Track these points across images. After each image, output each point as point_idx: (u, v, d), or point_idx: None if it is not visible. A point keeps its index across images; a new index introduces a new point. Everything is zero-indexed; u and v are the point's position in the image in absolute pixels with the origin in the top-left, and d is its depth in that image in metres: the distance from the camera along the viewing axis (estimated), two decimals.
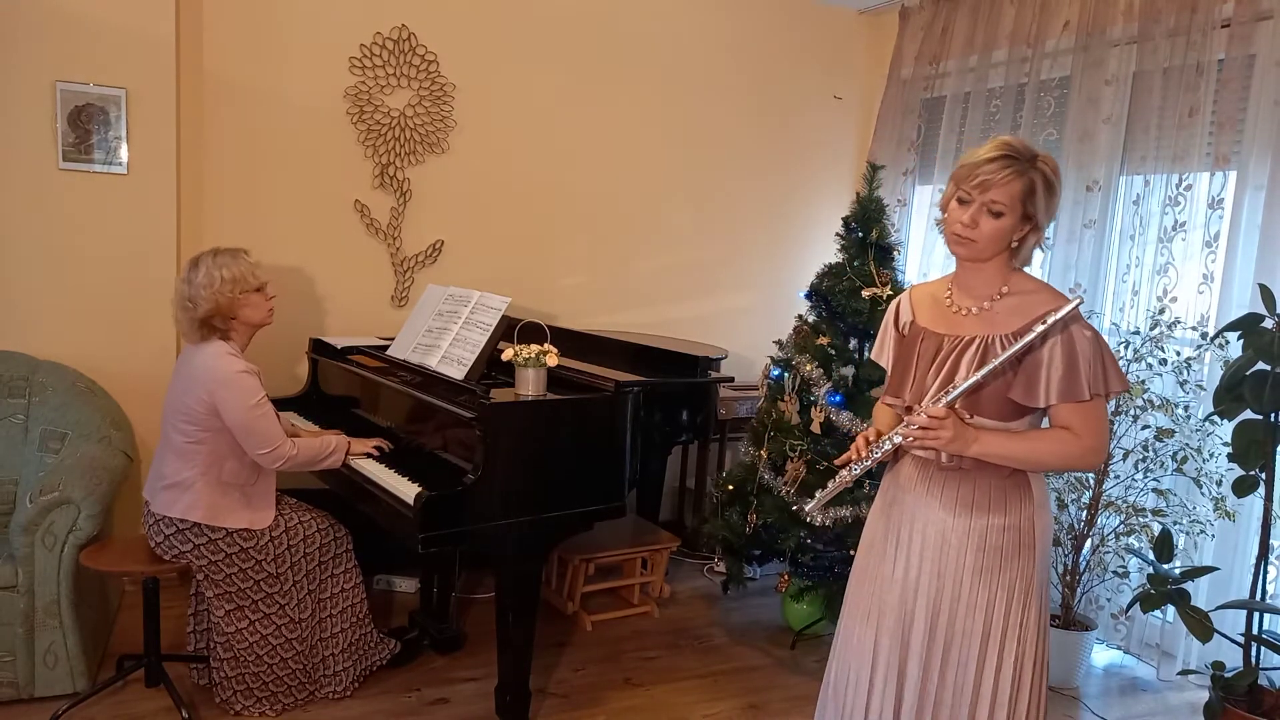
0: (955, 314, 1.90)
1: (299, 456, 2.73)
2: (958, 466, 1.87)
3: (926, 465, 1.92)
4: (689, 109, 4.63)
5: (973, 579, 1.85)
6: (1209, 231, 3.39)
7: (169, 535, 2.69)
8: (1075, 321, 1.77)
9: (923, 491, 1.92)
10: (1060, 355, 1.76)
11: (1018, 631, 1.85)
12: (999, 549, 1.84)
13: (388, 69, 3.94)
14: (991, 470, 1.84)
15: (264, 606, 2.77)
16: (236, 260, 2.72)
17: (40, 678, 2.77)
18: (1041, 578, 1.88)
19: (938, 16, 4.50)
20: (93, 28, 3.34)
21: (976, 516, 1.85)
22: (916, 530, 1.92)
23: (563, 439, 2.73)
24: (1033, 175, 1.77)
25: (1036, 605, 1.87)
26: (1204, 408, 3.23)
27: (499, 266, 4.23)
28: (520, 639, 2.72)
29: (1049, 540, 1.91)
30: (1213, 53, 3.37)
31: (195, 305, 2.67)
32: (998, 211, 1.77)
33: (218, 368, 2.66)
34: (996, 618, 1.84)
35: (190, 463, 2.69)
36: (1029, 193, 1.77)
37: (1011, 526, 1.84)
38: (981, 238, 1.79)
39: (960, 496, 1.87)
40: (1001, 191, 1.76)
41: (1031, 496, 1.86)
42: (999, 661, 1.85)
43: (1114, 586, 3.53)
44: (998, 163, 1.76)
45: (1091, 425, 1.78)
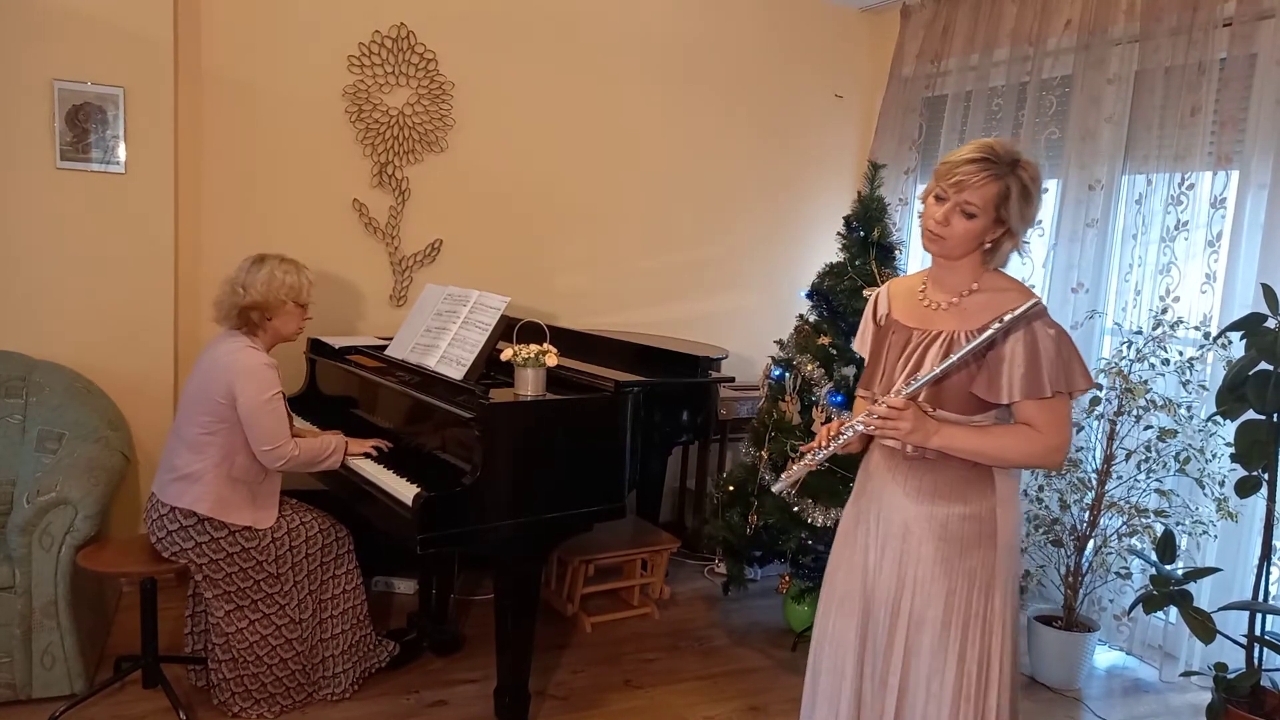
0: (927, 308, 1.93)
1: (300, 457, 2.74)
2: (921, 456, 1.89)
3: (893, 455, 1.94)
4: (689, 107, 4.62)
5: (933, 567, 1.87)
6: (1211, 231, 3.37)
7: (172, 531, 2.68)
8: (1039, 319, 1.79)
9: (889, 480, 1.94)
10: (1022, 352, 1.78)
11: (980, 622, 1.86)
12: (959, 538, 1.86)
13: (386, 67, 3.93)
14: (955, 461, 1.86)
15: (264, 606, 2.76)
16: (300, 272, 2.85)
17: (38, 679, 2.76)
18: (1006, 570, 1.88)
19: (939, 15, 4.49)
20: (90, 26, 3.33)
21: (938, 505, 1.87)
22: (883, 518, 1.95)
23: (562, 439, 2.72)
24: (1009, 181, 1.78)
25: (1001, 596, 1.87)
26: (1206, 408, 3.22)
27: (498, 266, 4.22)
28: (519, 641, 2.71)
29: (1015, 534, 1.91)
30: (1214, 52, 3.36)
31: (245, 292, 2.76)
32: (970, 213, 1.79)
33: (241, 358, 2.70)
34: (957, 606, 1.86)
35: (203, 455, 2.70)
36: (1003, 198, 1.78)
37: (972, 516, 1.86)
38: (952, 236, 1.82)
39: (923, 486, 1.89)
40: (976, 194, 1.78)
41: (994, 489, 1.87)
42: (962, 650, 1.85)
43: (1116, 588, 3.52)
44: (975, 165, 1.78)
45: (1053, 422, 1.80)
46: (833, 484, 3.26)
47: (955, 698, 1.85)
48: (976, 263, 1.88)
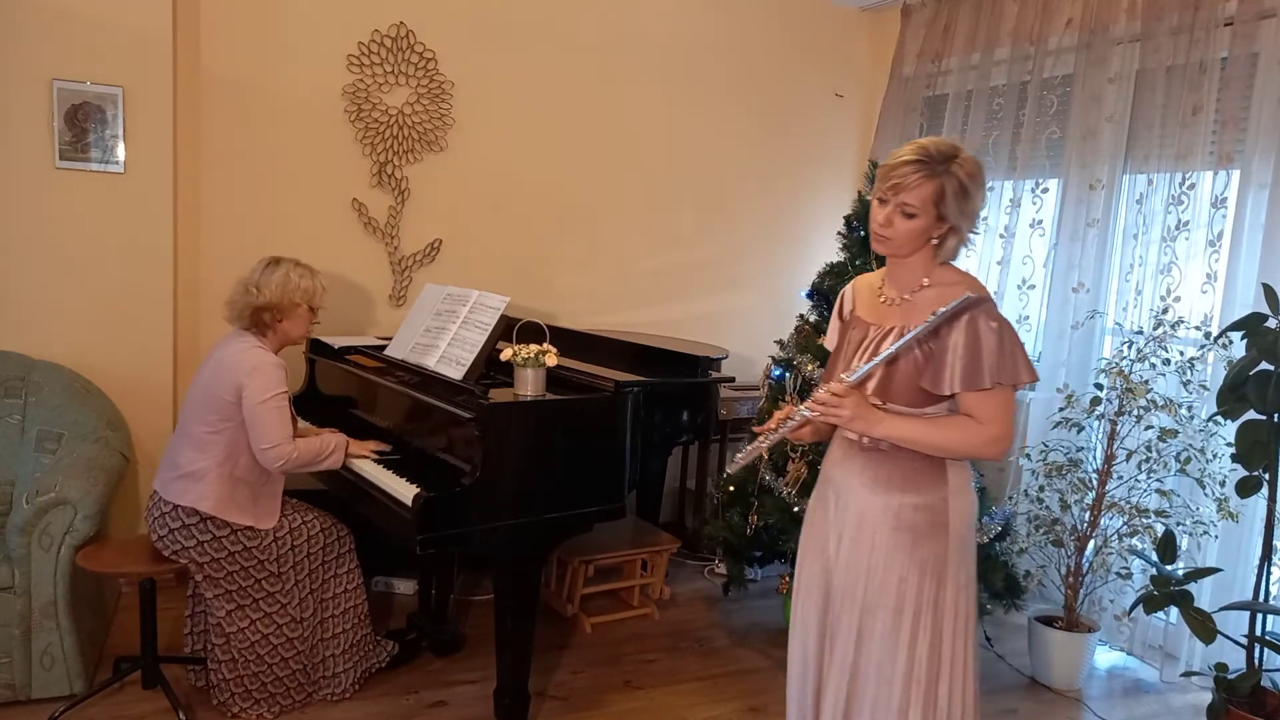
0: (883, 304, 1.98)
1: (298, 459, 2.73)
2: (876, 447, 1.93)
3: (851, 446, 1.99)
4: (689, 106, 4.61)
5: (887, 555, 1.91)
6: (1212, 231, 3.37)
7: (174, 530, 2.68)
8: (983, 312, 1.82)
9: (847, 470, 2.00)
10: (964, 344, 1.82)
11: (932, 609, 1.90)
12: (912, 527, 1.90)
13: (386, 67, 3.93)
14: (908, 452, 1.90)
15: (265, 606, 2.76)
16: (314, 277, 2.88)
17: (37, 679, 2.75)
18: (958, 558, 1.92)
19: (940, 14, 4.49)
20: (90, 26, 3.32)
21: (891, 495, 1.92)
22: (841, 507, 2.00)
23: (562, 439, 2.72)
24: (944, 180, 1.82)
25: (952, 585, 1.91)
26: (1207, 408, 3.22)
27: (498, 265, 4.22)
28: (519, 641, 2.71)
29: (968, 523, 1.95)
30: (1216, 51, 3.36)
31: (259, 292, 2.78)
32: (910, 213, 1.84)
33: (250, 356, 2.72)
34: (909, 593, 1.90)
35: (207, 453, 2.70)
36: (940, 195, 1.82)
37: (924, 506, 1.90)
38: (896, 236, 1.86)
39: (878, 476, 1.94)
40: (913, 194, 1.82)
41: (946, 479, 1.92)
42: (913, 637, 1.89)
43: (1117, 588, 3.51)
44: (910, 166, 1.82)
45: (994, 414, 1.83)
46: None
47: (905, 683, 1.90)
48: (927, 258, 1.92)
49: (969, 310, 1.81)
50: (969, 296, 1.79)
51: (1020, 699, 3.28)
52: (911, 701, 1.89)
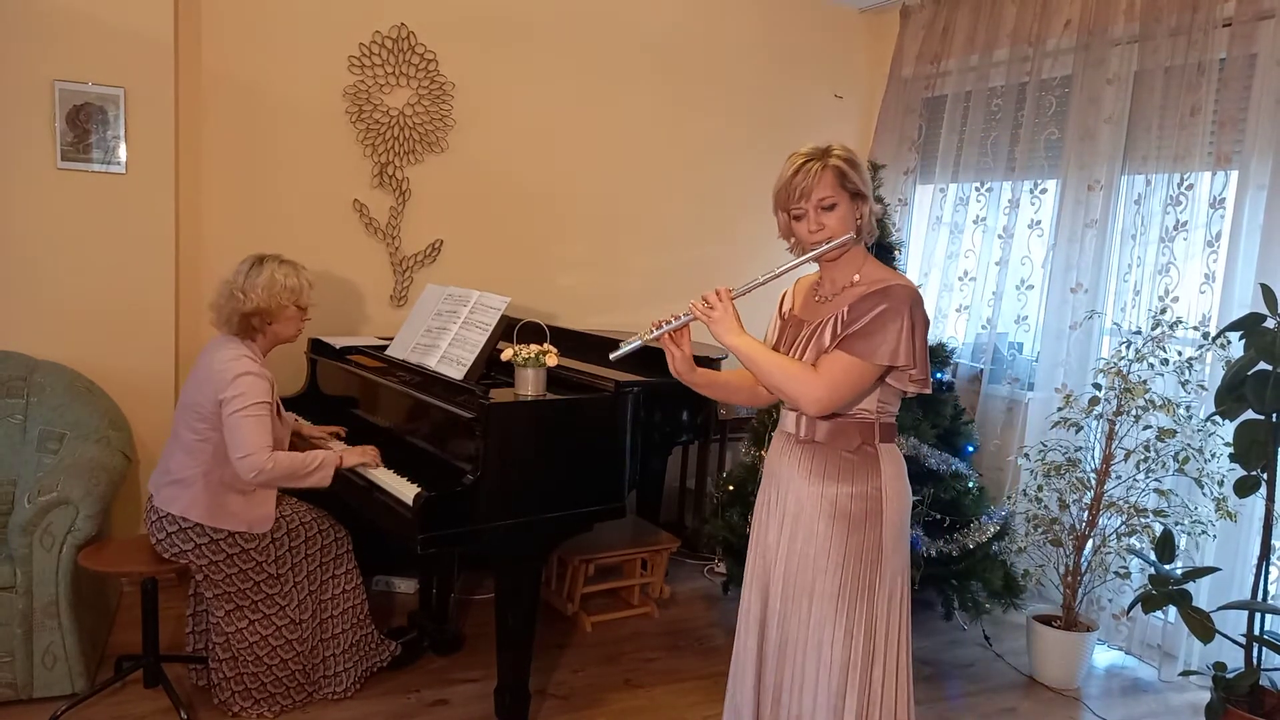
0: (819, 302, 2.08)
1: (274, 470, 2.63)
2: (810, 440, 2.03)
3: (788, 439, 2.09)
4: (689, 108, 4.62)
5: (824, 543, 1.99)
6: (1210, 231, 3.38)
7: (171, 533, 2.68)
8: (898, 300, 1.90)
9: (785, 462, 2.09)
10: (860, 312, 1.92)
11: (868, 594, 1.97)
12: (847, 515, 1.98)
13: (387, 68, 3.94)
14: (841, 444, 2.00)
15: (264, 607, 2.77)
16: (299, 274, 2.81)
17: (39, 678, 2.76)
18: (892, 545, 2.00)
19: (939, 15, 4.50)
20: (91, 27, 3.33)
21: (827, 484, 2.00)
22: (780, 497, 2.09)
23: (562, 439, 2.73)
24: (834, 163, 1.95)
25: (889, 571, 1.99)
26: (1205, 408, 3.23)
27: (498, 266, 4.23)
28: (520, 640, 2.72)
29: (901, 511, 2.02)
30: (1214, 52, 3.37)
31: (245, 298, 2.72)
32: (830, 204, 1.95)
33: (232, 367, 2.66)
34: (847, 579, 1.97)
35: (196, 460, 2.69)
36: (842, 176, 1.95)
37: (859, 495, 1.98)
38: (832, 230, 1.96)
39: (814, 467, 2.02)
40: (822, 187, 1.94)
41: (880, 469, 2.00)
42: (850, 622, 1.97)
43: (1115, 587, 3.52)
44: (803, 169, 1.96)
45: (829, 374, 1.93)
46: None
47: (844, 667, 1.96)
48: (857, 255, 2.02)
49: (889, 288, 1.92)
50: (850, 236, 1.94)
51: (1019, 698, 3.29)
52: (849, 685, 1.96)
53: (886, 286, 1.94)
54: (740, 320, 2.00)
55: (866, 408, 1.99)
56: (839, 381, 1.91)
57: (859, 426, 2.00)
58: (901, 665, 2.03)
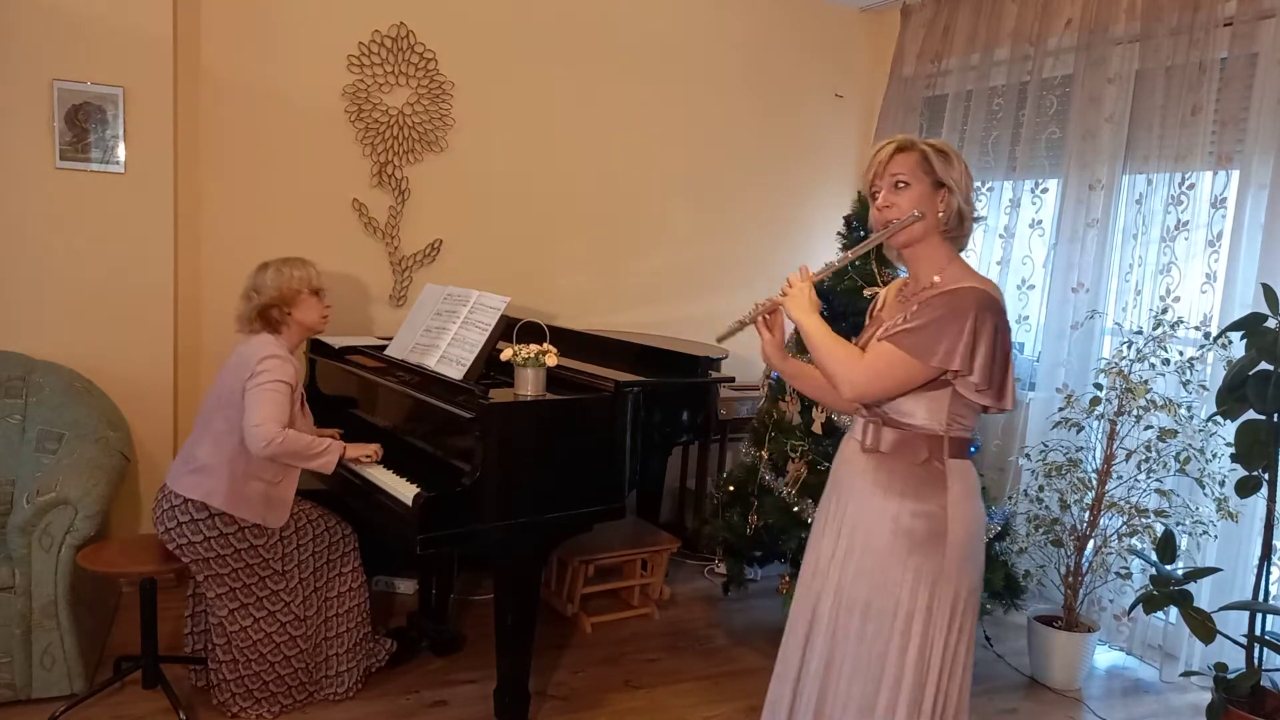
0: (902, 302, 1.99)
1: (283, 445, 2.65)
2: (876, 449, 1.95)
3: (855, 447, 2.02)
4: (689, 107, 4.62)
5: (885, 559, 1.91)
6: (1212, 231, 3.37)
7: (182, 523, 2.67)
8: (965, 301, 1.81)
9: (850, 471, 2.02)
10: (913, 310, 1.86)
11: (924, 615, 1.88)
12: (910, 533, 1.89)
13: (386, 67, 3.93)
14: (907, 457, 1.91)
15: (269, 604, 2.76)
16: (304, 265, 2.90)
17: (38, 679, 2.76)
18: (956, 568, 1.89)
19: (939, 14, 4.49)
20: (90, 26, 3.32)
21: (891, 499, 1.92)
22: (841, 508, 2.02)
23: (562, 439, 2.72)
24: (920, 148, 1.89)
25: (949, 595, 1.89)
26: (1207, 408, 3.22)
27: (498, 266, 4.22)
28: (519, 641, 2.71)
29: (970, 532, 1.92)
30: (1215, 51, 3.36)
31: (259, 293, 2.81)
32: (901, 181, 1.88)
33: (259, 350, 2.73)
34: (904, 598, 1.89)
35: (222, 448, 2.70)
36: (924, 160, 1.88)
37: (923, 513, 1.89)
38: (900, 207, 1.88)
39: (878, 479, 1.94)
40: (897, 164, 1.88)
41: (946, 488, 1.90)
42: (904, 641, 1.89)
43: (1116, 588, 3.52)
44: (885, 149, 1.92)
45: (872, 362, 1.85)
46: None
47: (894, 687, 1.89)
48: (939, 250, 1.92)
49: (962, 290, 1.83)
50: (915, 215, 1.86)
51: (1020, 699, 3.28)
52: (899, 703, 1.89)
53: (958, 288, 1.84)
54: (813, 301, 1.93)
55: (935, 419, 1.88)
56: (880, 371, 1.83)
57: (926, 439, 1.89)
58: (955, 692, 1.93)
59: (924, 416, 1.89)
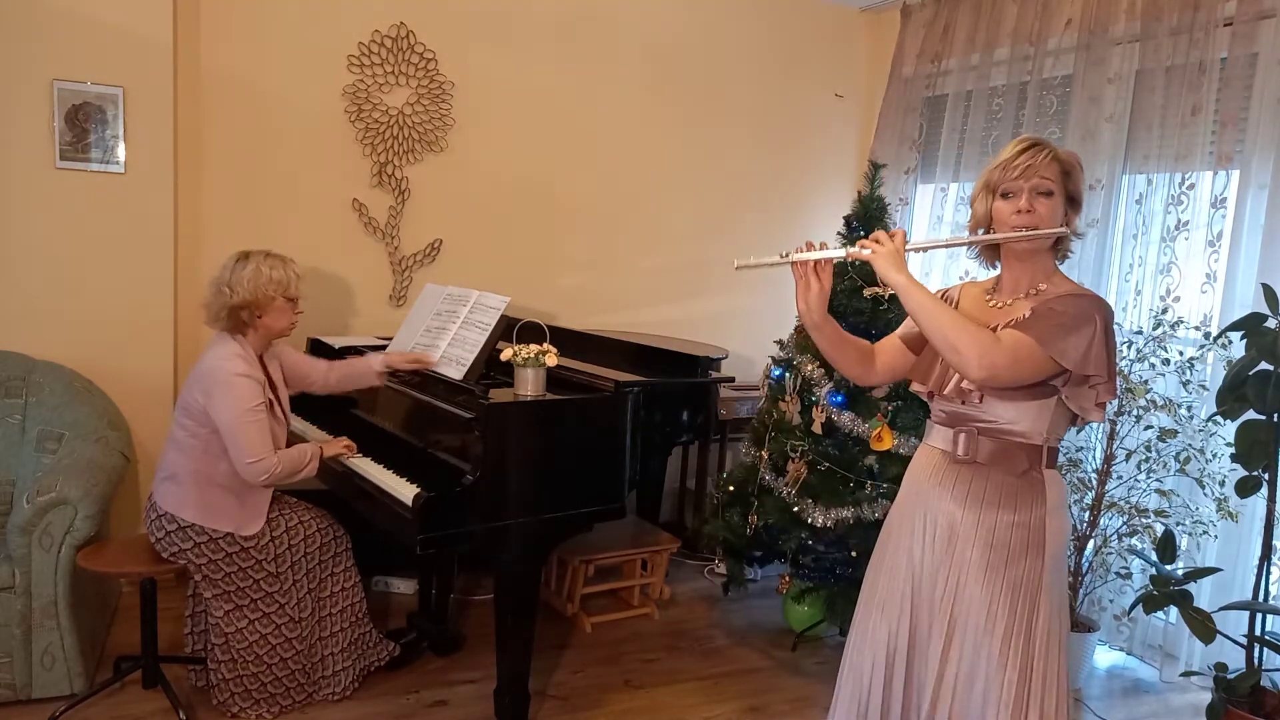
0: (995, 308, 1.92)
1: (281, 471, 2.67)
2: (970, 460, 1.88)
3: (942, 458, 1.94)
4: (689, 107, 4.62)
5: (978, 573, 1.85)
6: (1212, 231, 3.37)
7: (170, 532, 2.68)
8: (1092, 306, 1.79)
9: (935, 483, 1.93)
10: (1059, 308, 1.79)
11: (1024, 632, 1.83)
12: (1006, 545, 1.84)
13: (386, 67, 3.93)
14: (1005, 467, 1.85)
15: (264, 606, 2.76)
16: (286, 266, 2.79)
17: (38, 679, 2.76)
18: (1053, 580, 1.85)
19: (939, 14, 4.49)
20: (90, 26, 3.32)
21: (986, 511, 1.86)
22: (929, 521, 1.93)
23: (562, 439, 2.72)
24: (1064, 156, 1.85)
25: (1047, 609, 1.84)
26: (1207, 408, 3.22)
27: (498, 266, 4.22)
28: (519, 641, 2.71)
29: (1062, 544, 1.88)
30: (1215, 51, 3.36)
31: (232, 292, 2.70)
32: (1047, 190, 1.82)
33: (219, 369, 2.65)
34: (1001, 613, 1.83)
35: (186, 456, 2.69)
36: (1066, 172, 1.84)
37: (1020, 524, 1.84)
38: (1041, 218, 1.82)
39: (972, 491, 1.88)
40: (1047, 169, 1.82)
41: (1045, 498, 1.85)
42: (1004, 660, 1.82)
43: (1116, 588, 3.51)
44: (1030, 150, 1.83)
45: (1012, 346, 1.75)
46: (833, 484, 3.26)
47: (996, 707, 1.82)
48: (1046, 260, 1.89)
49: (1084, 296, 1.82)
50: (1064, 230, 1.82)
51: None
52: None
53: (1082, 294, 1.82)
54: (903, 258, 1.81)
55: (1037, 429, 1.83)
56: (1021, 357, 1.74)
57: (1026, 449, 1.84)
58: (1060, 708, 1.87)
59: (1028, 425, 1.84)
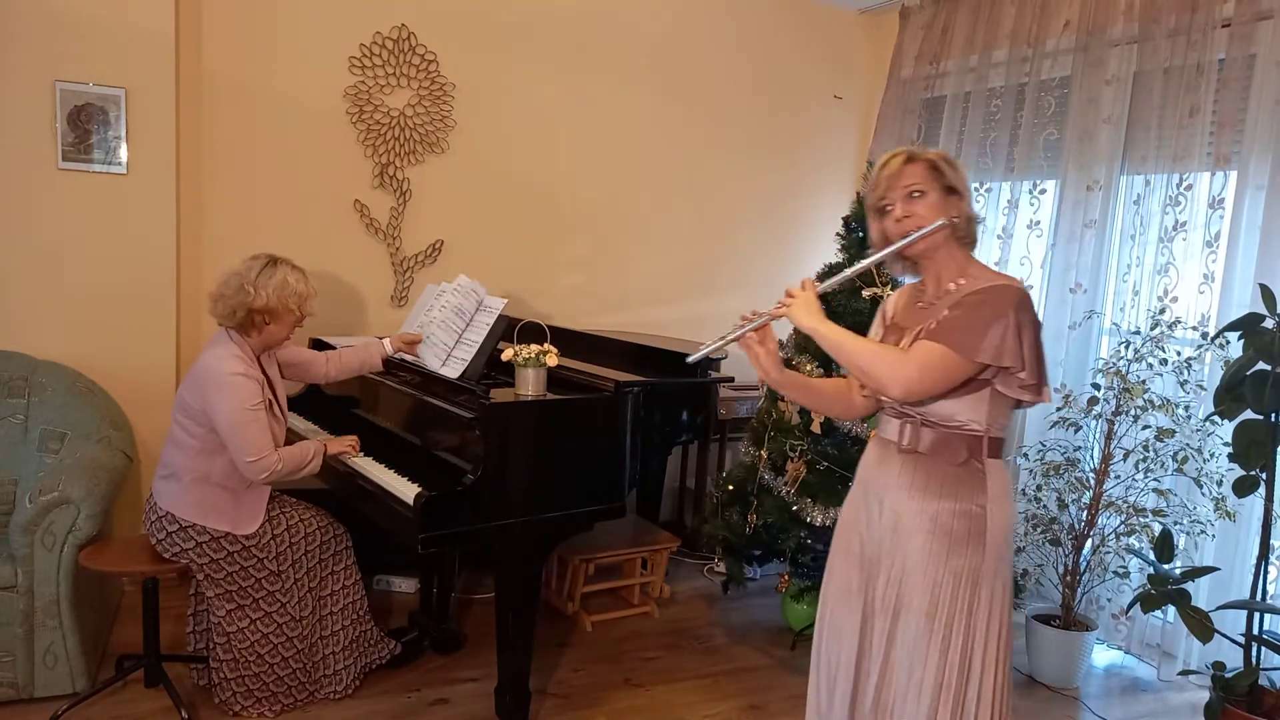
0: (921, 308, 1.99)
1: (283, 469, 2.68)
2: (914, 450, 1.93)
3: (889, 447, 1.99)
4: (689, 108, 4.63)
5: (923, 559, 1.90)
6: (1209, 231, 3.38)
7: (171, 533, 2.69)
8: (1002, 299, 1.82)
9: (883, 472, 1.99)
10: (947, 313, 1.86)
11: (965, 617, 1.88)
12: (949, 533, 1.89)
13: (387, 69, 3.94)
14: (946, 457, 1.91)
15: (265, 605, 2.77)
16: (308, 283, 2.81)
17: (40, 678, 2.76)
18: (995, 567, 1.90)
19: (938, 16, 4.50)
20: (92, 27, 3.34)
21: (928, 500, 1.91)
22: (878, 510, 1.99)
23: (563, 439, 2.73)
24: (927, 156, 1.91)
25: (988, 594, 1.89)
26: (1204, 408, 3.23)
27: (499, 266, 4.23)
28: (520, 639, 2.72)
29: (1006, 531, 1.93)
30: (1213, 52, 3.37)
31: (256, 294, 2.69)
32: (918, 191, 1.89)
33: (218, 369, 2.65)
34: (943, 599, 1.88)
35: (184, 455, 2.70)
36: (933, 169, 1.90)
37: (962, 513, 1.89)
38: (921, 218, 1.88)
39: (915, 480, 1.93)
40: (909, 175, 1.89)
41: (985, 487, 1.90)
42: (945, 643, 1.88)
43: (1114, 587, 3.53)
44: (891, 161, 1.93)
45: (923, 359, 1.82)
46: (832, 483, 3.27)
47: (935, 689, 1.88)
48: (957, 255, 1.93)
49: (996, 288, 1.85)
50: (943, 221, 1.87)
51: (1018, 697, 3.29)
52: (940, 707, 1.88)
53: (993, 286, 1.85)
54: (821, 309, 1.91)
55: (977, 419, 1.88)
56: (931, 365, 1.81)
57: (966, 439, 1.89)
58: (999, 692, 1.92)
59: (966, 416, 1.88)
